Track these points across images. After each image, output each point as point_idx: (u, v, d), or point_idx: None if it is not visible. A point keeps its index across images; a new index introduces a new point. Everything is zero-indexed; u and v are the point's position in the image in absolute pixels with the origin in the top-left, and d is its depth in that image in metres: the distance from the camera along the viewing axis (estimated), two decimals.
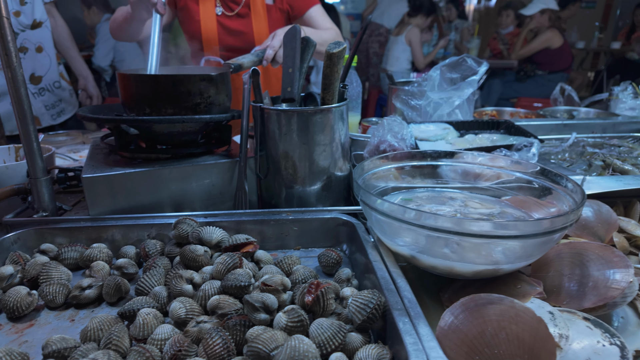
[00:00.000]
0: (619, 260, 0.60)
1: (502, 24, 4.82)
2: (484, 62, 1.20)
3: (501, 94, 4.48)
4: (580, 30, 6.32)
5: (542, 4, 4.12)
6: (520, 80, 4.32)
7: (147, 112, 0.93)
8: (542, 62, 4.19)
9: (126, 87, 0.94)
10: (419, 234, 0.62)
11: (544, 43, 4.09)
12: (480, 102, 4.49)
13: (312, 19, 1.64)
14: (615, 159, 1.03)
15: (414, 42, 4.29)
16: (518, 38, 4.34)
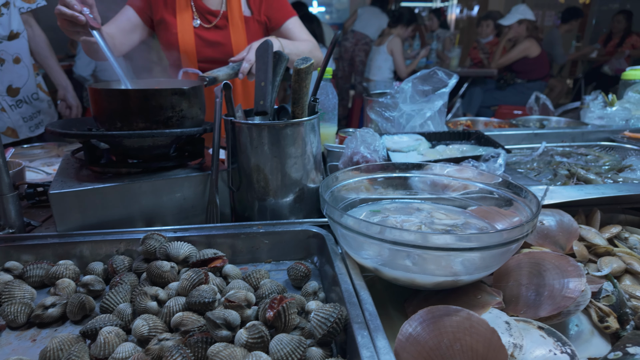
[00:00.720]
0: (573, 269, 0.61)
1: (482, 33, 4.94)
2: (454, 75, 1.23)
3: (482, 102, 4.57)
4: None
5: (519, 14, 4.24)
6: (501, 88, 4.42)
7: (119, 127, 0.92)
8: (521, 70, 4.30)
9: (97, 101, 0.94)
10: (382, 247, 0.63)
11: (522, 52, 4.20)
12: (462, 110, 4.57)
13: (290, 31, 1.66)
14: (580, 168, 1.06)
15: (396, 51, 4.36)
16: (497, 47, 4.45)
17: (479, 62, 4.89)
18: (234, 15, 1.62)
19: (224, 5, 1.62)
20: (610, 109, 1.56)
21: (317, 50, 1.64)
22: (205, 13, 1.62)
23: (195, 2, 1.61)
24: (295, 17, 1.69)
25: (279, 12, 1.66)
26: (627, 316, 0.61)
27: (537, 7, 6.97)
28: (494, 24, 4.78)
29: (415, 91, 1.25)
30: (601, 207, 0.90)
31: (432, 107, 1.20)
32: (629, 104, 1.69)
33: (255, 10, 1.66)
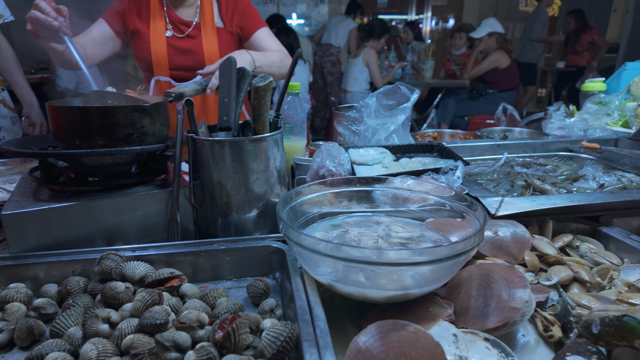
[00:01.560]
0: (519, 280, 0.64)
1: (455, 45, 5.09)
2: (415, 90, 1.26)
3: (456, 112, 4.69)
4: None
5: (489, 27, 4.39)
6: (473, 98, 4.55)
7: (78, 144, 0.91)
8: (492, 81, 4.44)
9: (55, 118, 0.92)
10: (336, 263, 0.64)
11: (493, 63, 4.34)
12: (437, 120, 4.68)
13: (260, 41, 1.70)
14: (536, 179, 1.10)
15: (371, 63, 4.45)
16: (469, 59, 4.59)
17: (452, 73, 5.03)
18: (206, 26, 1.66)
19: (197, 16, 1.67)
20: (568, 119, 1.62)
21: (287, 59, 1.68)
22: (178, 23, 1.65)
23: (169, 12, 1.65)
24: (265, 27, 1.74)
25: (250, 22, 1.70)
26: (570, 324, 0.63)
27: (508, 19, 7.24)
28: (466, 36, 4.93)
29: (380, 105, 1.28)
30: (554, 217, 0.93)
31: (396, 122, 1.23)
32: (587, 115, 1.76)
33: (228, 22, 1.70)
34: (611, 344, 0.55)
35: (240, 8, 1.68)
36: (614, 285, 0.75)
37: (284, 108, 1.40)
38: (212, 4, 1.68)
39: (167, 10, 1.64)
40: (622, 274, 0.78)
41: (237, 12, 1.68)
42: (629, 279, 0.76)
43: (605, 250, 0.87)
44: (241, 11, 1.69)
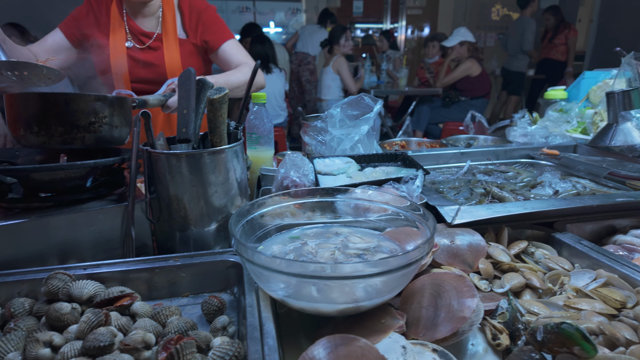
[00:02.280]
0: (468, 289, 0.64)
1: (429, 54, 5.20)
2: (379, 101, 1.28)
3: (430, 119, 4.77)
4: (500, 59, 6.96)
5: (460, 36, 4.51)
6: (446, 106, 4.64)
7: (36, 131, 0.88)
8: (464, 89, 4.55)
9: (12, 106, 0.90)
10: (289, 278, 0.63)
11: (465, 72, 4.45)
12: (412, 127, 4.75)
13: (227, 53, 1.69)
14: (495, 186, 1.12)
15: (342, 71, 4.50)
16: (441, 67, 4.69)
17: (425, 81, 5.12)
18: (168, 37, 1.63)
19: (159, 27, 1.64)
20: (530, 127, 1.67)
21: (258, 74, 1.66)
22: (139, 34, 1.62)
23: (129, 23, 1.62)
24: (232, 40, 1.72)
25: (215, 35, 1.68)
26: (519, 332, 0.64)
27: (479, 29, 7.45)
28: (439, 45, 5.05)
29: (345, 115, 1.29)
30: (510, 224, 0.96)
31: (360, 132, 1.24)
32: (549, 122, 1.82)
33: (191, 34, 1.67)
34: (553, 351, 0.56)
35: (205, 20, 1.65)
36: (564, 291, 0.77)
37: (250, 118, 1.39)
38: (174, 15, 1.65)
39: (127, 20, 1.61)
40: (573, 279, 0.80)
41: (202, 23, 1.65)
42: (578, 284, 0.79)
43: (558, 256, 0.89)
44: (206, 23, 1.66)
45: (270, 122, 1.41)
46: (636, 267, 0.77)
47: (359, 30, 9.90)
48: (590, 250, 0.85)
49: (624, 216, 1.03)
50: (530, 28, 5.59)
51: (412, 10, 9.46)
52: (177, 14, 1.66)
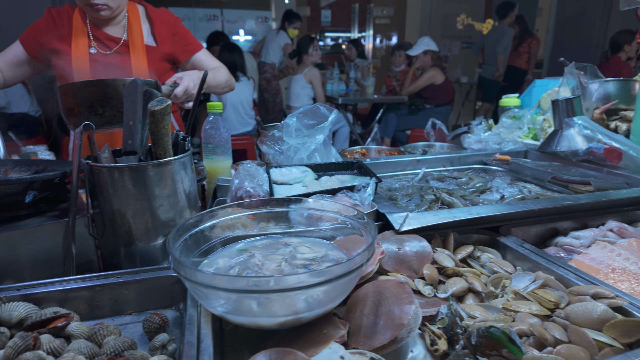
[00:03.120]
0: (407, 296, 0.65)
1: (395, 62, 5.32)
2: (333, 110, 1.29)
3: (398, 126, 4.87)
4: (464, 67, 7.21)
5: (424, 45, 4.64)
6: (412, 113, 4.75)
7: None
8: (428, 96, 4.68)
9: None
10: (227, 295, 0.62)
11: (429, 80, 4.58)
12: (380, 134, 4.83)
13: (201, 62, 1.78)
14: (445, 192, 1.15)
15: (315, 81, 4.54)
16: (406, 76, 4.81)
17: (393, 89, 5.23)
18: (135, 44, 1.66)
19: (125, 34, 1.66)
20: (483, 134, 1.73)
21: (232, 78, 1.79)
22: (105, 39, 1.63)
23: (94, 30, 1.63)
24: (203, 49, 1.81)
25: (188, 46, 1.77)
26: (457, 337, 0.65)
27: (444, 37, 7.70)
28: (405, 54, 5.18)
29: (301, 125, 1.29)
30: (457, 229, 0.98)
31: (315, 141, 1.25)
32: (502, 129, 1.90)
33: (161, 42, 1.71)
34: (485, 354, 0.58)
35: (177, 32, 1.74)
36: (506, 294, 0.80)
37: (206, 128, 1.37)
38: (140, 23, 1.69)
39: (91, 28, 1.62)
40: (514, 282, 0.83)
41: (173, 35, 1.73)
42: (519, 286, 0.81)
43: (502, 260, 0.92)
44: (178, 35, 1.74)
45: (228, 131, 1.40)
46: (570, 268, 0.81)
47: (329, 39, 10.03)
48: (530, 253, 0.88)
49: (566, 219, 1.07)
50: (507, 36, 5.81)
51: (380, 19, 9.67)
52: (146, 22, 1.72)
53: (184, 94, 1.35)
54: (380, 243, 0.90)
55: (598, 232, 1.01)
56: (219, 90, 1.74)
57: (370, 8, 6.87)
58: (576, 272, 0.79)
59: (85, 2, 1.51)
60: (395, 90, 5.09)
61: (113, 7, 1.56)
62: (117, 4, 1.57)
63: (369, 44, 7.11)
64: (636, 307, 0.67)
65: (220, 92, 1.77)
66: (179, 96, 1.36)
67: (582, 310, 0.66)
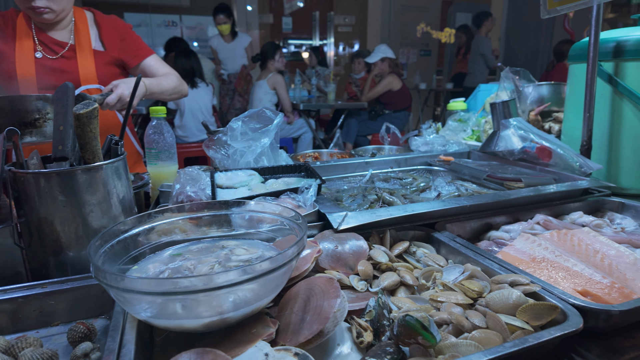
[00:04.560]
0: (334, 291, 0.67)
1: (355, 70, 5.43)
2: (279, 114, 1.30)
3: (359, 131, 4.96)
4: (422, 74, 7.45)
5: (381, 53, 4.77)
6: (372, 118, 4.85)
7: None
8: (387, 102, 4.80)
9: None
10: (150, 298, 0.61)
11: (387, 86, 4.70)
12: (342, 139, 4.90)
13: (151, 67, 1.77)
14: (386, 192, 1.19)
15: (279, 88, 4.55)
16: (366, 82, 4.92)
17: (354, 95, 5.33)
18: (82, 48, 1.64)
19: (72, 38, 1.64)
20: (429, 137, 1.80)
21: (179, 80, 1.77)
22: (51, 44, 1.60)
23: (39, 34, 1.59)
24: (153, 55, 1.80)
25: (137, 51, 1.75)
26: (384, 328, 0.67)
27: (402, 45, 7.95)
28: (364, 61, 5.29)
29: (248, 128, 1.29)
30: (395, 226, 1.01)
31: (261, 144, 1.25)
32: (448, 131, 1.98)
33: (109, 47, 1.70)
34: (405, 343, 0.60)
35: (126, 37, 1.72)
36: (436, 286, 0.83)
37: (149, 133, 1.34)
38: (87, 28, 1.67)
39: (36, 32, 1.59)
40: (445, 274, 0.86)
41: (122, 40, 1.71)
42: (450, 278, 0.85)
43: (436, 254, 0.96)
44: (127, 40, 1.73)
45: (172, 136, 1.38)
46: (495, 260, 0.85)
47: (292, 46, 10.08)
48: (461, 247, 0.92)
49: (499, 214, 1.13)
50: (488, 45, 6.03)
51: (342, 27, 9.82)
52: (94, 27, 1.71)
53: (118, 101, 1.32)
54: (319, 242, 0.91)
55: (526, 226, 1.07)
56: (167, 97, 1.72)
57: (330, 16, 6.98)
58: (500, 262, 0.84)
59: (27, 6, 1.47)
60: (356, 97, 5.19)
61: (57, 10, 1.52)
62: (60, 8, 1.53)
63: (331, 51, 7.21)
64: (548, 292, 0.72)
65: (168, 99, 1.75)
66: (112, 104, 1.33)
67: (500, 297, 0.70)
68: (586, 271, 0.81)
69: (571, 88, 1.51)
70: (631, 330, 0.73)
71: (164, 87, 1.69)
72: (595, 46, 1.30)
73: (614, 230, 1.09)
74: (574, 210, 1.20)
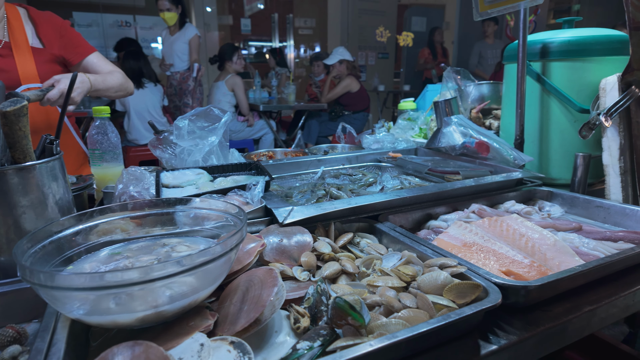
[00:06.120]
0: (272, 280, 0.69)
1: (315, 72, 5.48)
2: (227, 112, 1.31)
3: (320, 132, 5.01)
4: (380, 76, 7.65)
5: (339, 55, 4.85)
6: (332, 119, 4.92)
7: None
8: (346, 103, 4.88)
9: None
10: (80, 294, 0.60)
11: (345, 88, 4.79)
12: (303, 140, 4.93)
13: (93, 64, 1.71)
14: (334, 187, 1.22)
15: (237, 89, 4.52)
16: (325, 84, 4.98)
17: (314, 97, 5.38)
18: (19, 45, 1.57)
19: (6, 36, 1.56)
20: (379, 135, 1.86)
21: (128, 82, 1.73)
22: None
23: None
24: (95, 52, 1.74)
25: (77, 48, 1.69)
26: (321, 313, 0.70)
27: (361, 49, 8.11)
28: (323, 64, 5.36)
29: (195, 127, 1.29)
30: (341, 219, 1.05)
31: (208, 143, 1.25)
32: (398, 129, 2.05)
33: (48, 44, 1.63)
34: (337, 325, 0.63)
35: (64, 34, 1.67)
36: (375, 272, 0.87)
37: (92, 134, 1.31)
38: (22, 24, 1.59)
39: None
40: (384, 262, 0.90)
41: (61, 37, 1.66)
42: (388, 265, 0.89)
43: (378, 244, 1.00)
44: (66, 37, 1.67)
45: (117, 136, 1.35)
46: (429, 246, 0.90)
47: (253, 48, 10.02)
48: (400, 236, 0.97)
49: (439, 205, 1.20)
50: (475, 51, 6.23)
51: (303, 30, 9.89)
52: (29, 24, 1.63)
53: (60, 97, 1.28)
54: (264, 236, 0.93)
55: (463, 214, 1.14)
56: (112, 94, 1.68)
57: (289, 18, 7.01)
58: (434, 248, 0.89)
59: None
60: (317, 98, 5.25)
61: None
62: None
63: (291, 53, 7.25)
64: (474, 272, 0.78)
65: (113, 96, 1.71)
66: (53, 99, 1.29)
67: (429, 279, 0.75)
68: (510, 253, 0.88)
69: (506, 87, 1.62)
70: (549, 304, 0.81)
71: (109, 83, 1.64)
72: (523, 47, 1.40)
73: (542, 216, 1.18)
74: (508, 199, 1.29)
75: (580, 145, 1.44)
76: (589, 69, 1.41)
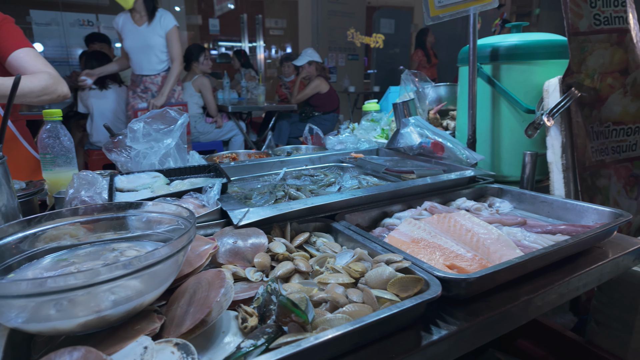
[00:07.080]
0: (219, 282, 0.69)
1: (285, 73, 5.49)
2: (184, 114, 1.30)
3: (291, 133, 5.02)
4: (351, 78, 7.73)
5: (308, 56, 4.87)
6: (303, 120, 4.94)
7: None
8: (316, 104, 4.92)
9: None
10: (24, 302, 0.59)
11: (314, 89, 4.82)
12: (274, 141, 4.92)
13: (21, 60, 1.57)
14: (293, 188, 1.24)
15: (204, 90, 4.46)
16: (294, 85, 5.00)
17: (285, 98, 5.39)
18: None
19: None
20: (342, 136, 1.90)
21: (57, 84, 1.58)
22: None
23: None
24: (27, 48, 1.60)
25: (5, 42, 1.57)
26: (270, 312, 0.71)
27: (331, 50, 8.17)
28: (293, 65, 5.37)
29: (151, 129, 1.27)
30: (297, 219, 1.06)
31: (164, 146, 1.24)
32: (362, 130, 2.09)
33: None
34: (283, 322, 0.65)
35: None
36: (327, 270, 0.89)
37: (43, 137, 1.27)
38: None
39: None
40: (338, 259, 0.93)
41: None
42: (342, 263, 0.91)
43: (334, 242, 1.02)
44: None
45: (71, 139, 1.31)
46: (380, 243, 0.93)
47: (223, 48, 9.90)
48: (354, 234, 1.00)
49: (394, 203, 1.23)
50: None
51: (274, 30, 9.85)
52: None
53: None
54: (218, 238, 0.93)
55: (415, 212, 1.18)
56: (33, 100, 1.53)
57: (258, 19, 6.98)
58: (383, 245, 0.92)
59: None
60: (287, 99, 5.25)
61: None
62: None
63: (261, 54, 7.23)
64: (418, 267, 0.81)
65: (36, 102, 1.55)
66: None
67: (375, 275, 0.78)
68: (455, 247, 0.92)
69: (461, 88, 1.69)
70: (490, 295, 0.85)
71: (26, 87, 1.46)
72: (474, 50, 1.47)
73: (490, 212, 1.24)
74: (460, 197, 1.34)
75: (528, 144, 1.52)
76: (534, 71, 1.49)
